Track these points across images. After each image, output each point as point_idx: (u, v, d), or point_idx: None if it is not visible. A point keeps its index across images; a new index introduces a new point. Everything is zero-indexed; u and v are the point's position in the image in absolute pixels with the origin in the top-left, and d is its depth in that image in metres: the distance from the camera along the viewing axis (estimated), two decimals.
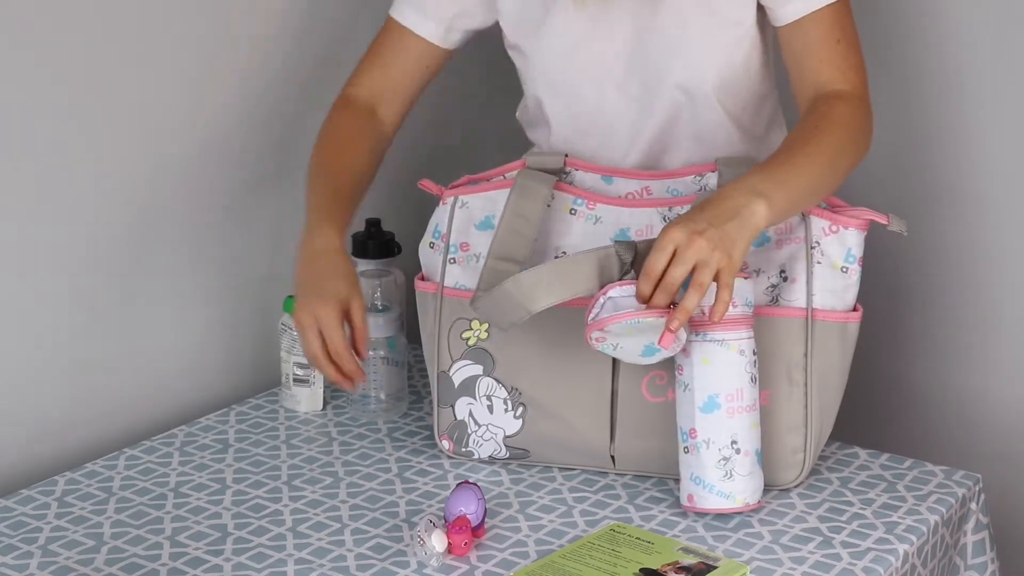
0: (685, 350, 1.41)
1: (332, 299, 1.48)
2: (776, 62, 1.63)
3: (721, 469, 1.42)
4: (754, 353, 1.42)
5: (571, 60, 1.60)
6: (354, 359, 1.49)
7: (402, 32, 1.66)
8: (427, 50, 1.67)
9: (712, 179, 1.55)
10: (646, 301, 1.37)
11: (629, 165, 1.62)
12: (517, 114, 1.75)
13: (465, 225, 1.57)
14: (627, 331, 1.37)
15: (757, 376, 1.43)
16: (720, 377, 1.41)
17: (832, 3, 1.53)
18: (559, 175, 1.57)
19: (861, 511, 1.48)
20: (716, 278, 1.36)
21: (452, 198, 1.58)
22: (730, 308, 1.40)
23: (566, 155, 1.59)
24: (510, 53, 1.67)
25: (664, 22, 1.55)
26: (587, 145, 1.63)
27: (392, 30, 1.67)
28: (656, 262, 1.36)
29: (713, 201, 1.39)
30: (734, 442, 1.41)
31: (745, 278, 1.42)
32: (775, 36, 1.59)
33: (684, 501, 1.45)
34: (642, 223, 1.52)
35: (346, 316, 1.49)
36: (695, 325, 1.40)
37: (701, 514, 1.46)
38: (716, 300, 1.37)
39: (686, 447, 1.43)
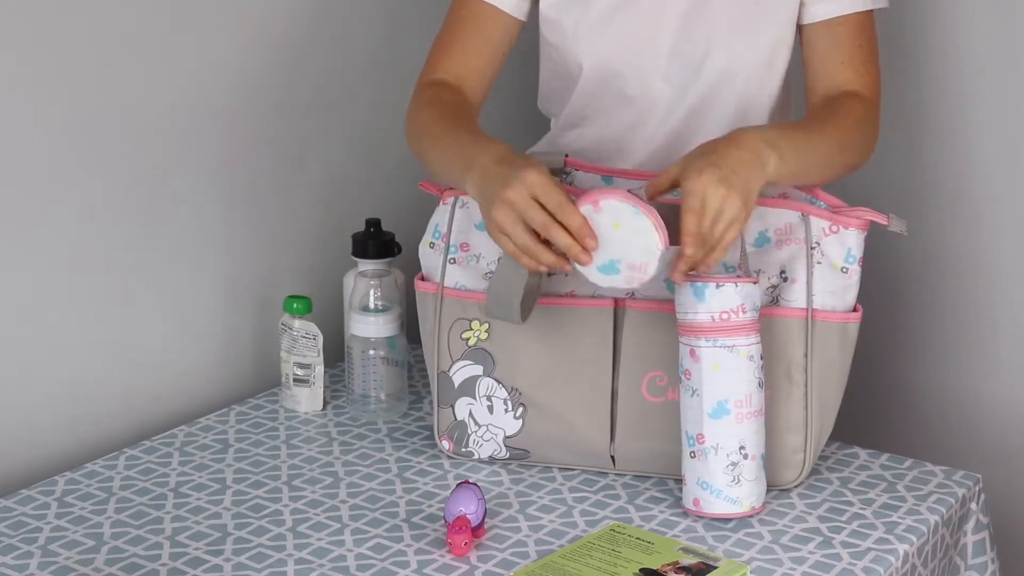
0: (694, 354, 1.41)
1: (514, 178, 1.37)
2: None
3: (729, 475, 1.41)
4: (761, 358, 1.42)
5: (617, 39, 1.60)
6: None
7: (480, 7, 1.62)
8: (504, 23, 1.63)
9: None
10: (692, 264, 1.38)
11: (656, 145, 1.63)
12: (539, 104, 1.74)
13: (465, 225, 1.57)
14: (615, 222, 1.36)
15: (764, 381, 1.43)
16: (730, 383, 1.40)
17: (863, 11, 1.58)
18: (559, 176, 1.57)
19: (861, 511, 1.48)
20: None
21: (452, 198, 1.58)
22: (740, 314, 1.40)
23: (566, 155, 1.59)
24: (543, 28, 1.66)
25: (713, 10, 1.57)
26: (621, 121, 1.63)
27: (467, 6, 1.63)
28: (698, 224, 1.36)
29: (731, 145, 1.39)
30: (742, 447, 1.41)
31: (754, 283, 1.42)
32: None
33: (689, 505, 1.45)
34: None
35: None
36: (706, 331, 1.40)
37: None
38: (714, 251, 1.37)
39: (692, 452, 1.43)
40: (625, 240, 1.37)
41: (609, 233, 1.36)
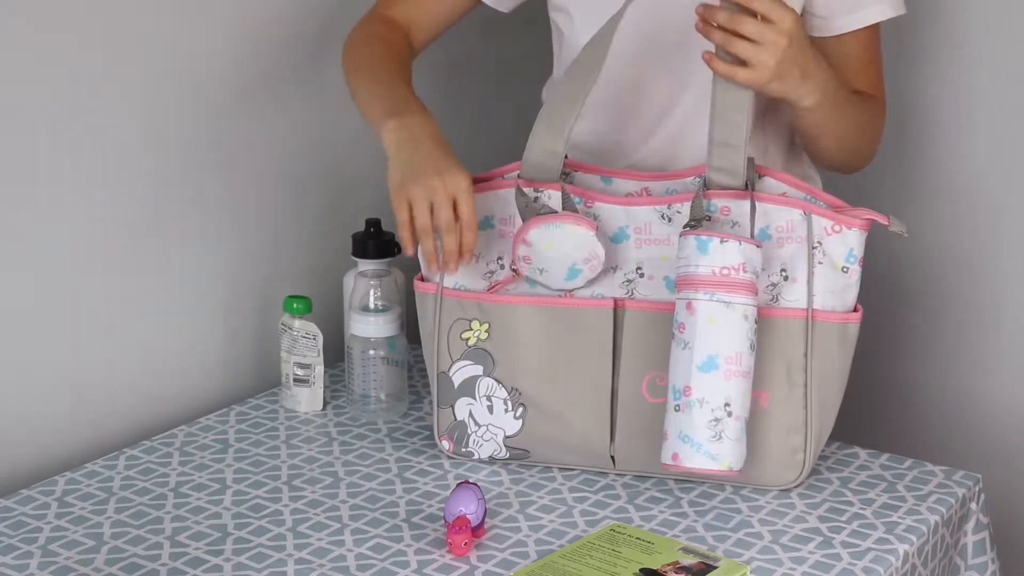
0: (690, 307, 1.41)
1: (448, 174, 1.46)
2: None
3: (711, 430, 1.41)
4: (755, 322, 1.43)
5: (618, 31, 1.60)
6: (461, 235, 1.47)
7: None
8: None
9: None
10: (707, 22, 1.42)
11: (655, 142, 1.63)
12: (543, 94, 1.75)
13: None
14: (547, 241, 1.47)
15: (756, 345, 1.43)
16: (723, 338, 1.41)
17: (878, 22, 1.63)
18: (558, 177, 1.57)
19: (861, 511, 1.48)
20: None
21: None
22: (740, 272, 1.41)
23: (565, 156, 1.59)
24: (553, 15, 1.69)
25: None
26: (620, 112, 1.63)
27: None
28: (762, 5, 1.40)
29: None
30: (727, 404, 1.41)
31: (757, 246, 1.43)
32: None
33: (667, 460, 1.44)
34: (641, 221, 1.52)
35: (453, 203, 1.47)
36: (705, 284, 1.40)
37: (687, 474, 1.46)
38: (736, 42, 1.41)
39: (677, 405, 1.42)
40: (566, 248, 1.48)
41: (550, 252, 1.49)
